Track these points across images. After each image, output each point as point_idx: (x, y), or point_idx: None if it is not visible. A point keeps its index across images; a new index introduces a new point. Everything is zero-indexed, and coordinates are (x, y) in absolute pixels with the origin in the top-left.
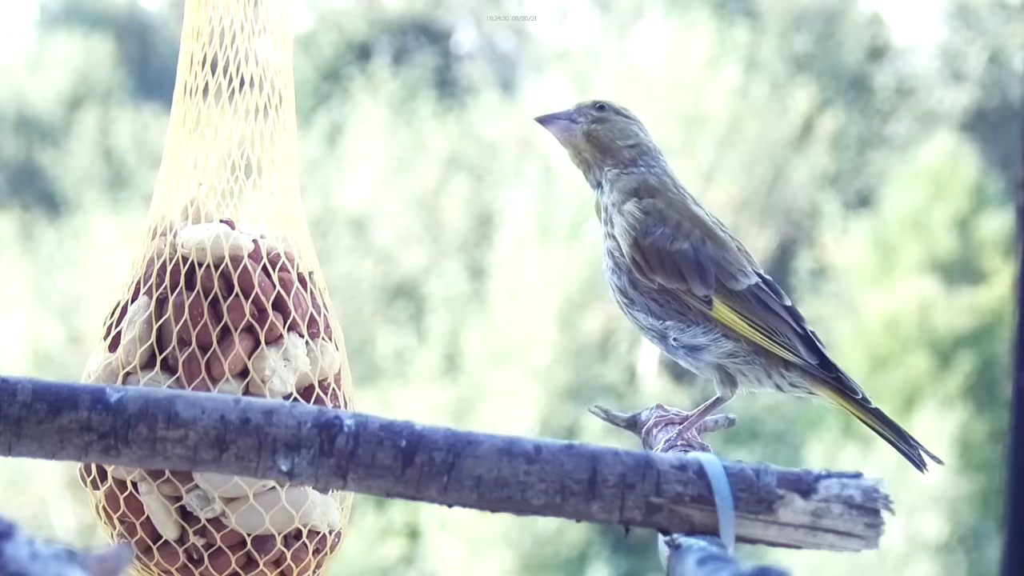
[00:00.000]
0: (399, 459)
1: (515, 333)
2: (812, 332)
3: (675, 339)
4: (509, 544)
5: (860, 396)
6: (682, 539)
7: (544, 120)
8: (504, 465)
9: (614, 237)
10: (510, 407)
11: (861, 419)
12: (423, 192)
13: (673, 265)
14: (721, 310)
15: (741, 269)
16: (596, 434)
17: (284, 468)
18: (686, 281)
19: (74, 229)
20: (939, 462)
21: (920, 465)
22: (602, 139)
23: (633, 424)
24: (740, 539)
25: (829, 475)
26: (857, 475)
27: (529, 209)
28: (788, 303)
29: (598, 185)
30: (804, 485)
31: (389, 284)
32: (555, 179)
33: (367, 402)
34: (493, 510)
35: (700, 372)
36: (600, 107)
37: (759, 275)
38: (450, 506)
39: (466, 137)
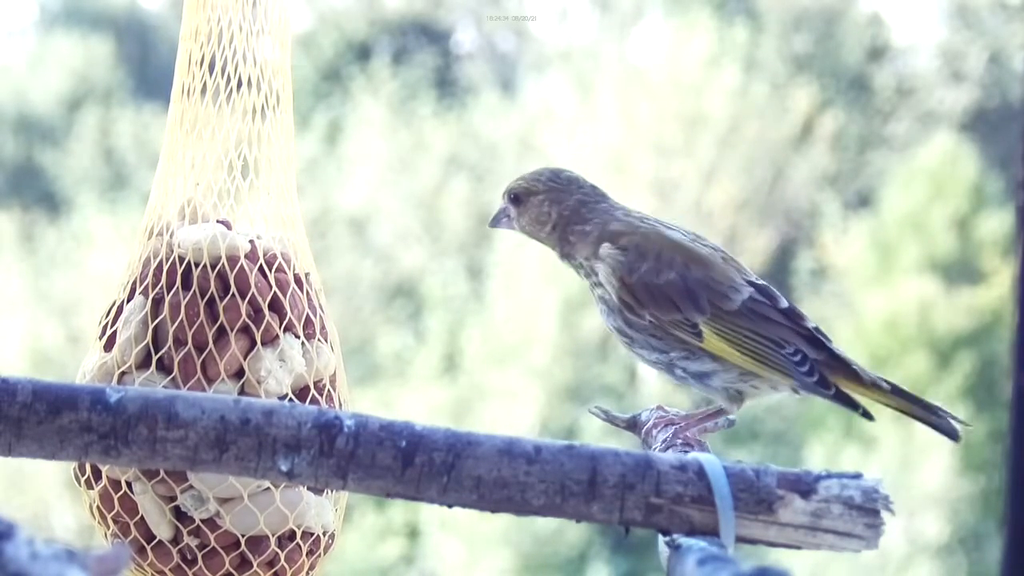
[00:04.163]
0: (399, 459)
1: (515, 333)
2: (815, 328)
3: (683, 369)
4: (509, 544)
5: (869, 382)
6: (682, 539)
7: (493, 224)
8: (504, 465)
9: (601, 284)
10: (510, 407)
11: (883, 403)
12: (423, 192)
13: (664, 297)
14: (712, 340)
15: (732, 285)
16: (596, 434)
17: (284, 469)
18: (680, 311)
19: (74, 229)
20: (966, 424)
21: (953, 435)
22: (534, 231)
23: (633, 425)
24: (740, 539)
25: (829, 475)
26: (857, 475)
27: None
28: (784, 305)
29: (565, 256)
30: (804, 485)
31: (388, 284)
32: None
33: (367, 402)
34: (493, 510)
35: (713, 396)
36: (514, 197)
37: (751, 283)
38: (450, 506)
39: (466, 137)
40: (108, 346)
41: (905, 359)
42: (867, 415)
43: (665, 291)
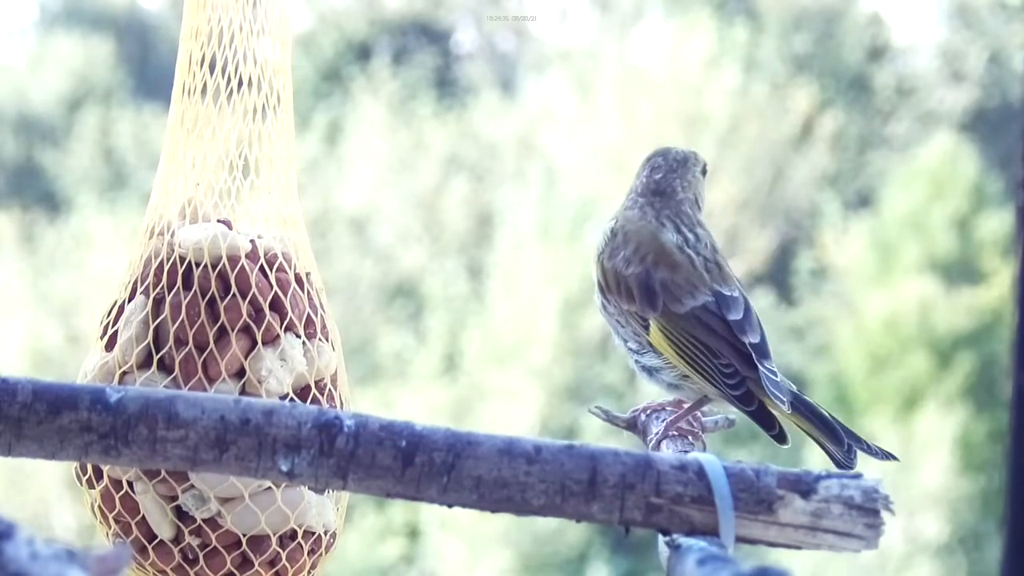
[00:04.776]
0: (399, 459)
1: (515, 333)
2: (753, 344)
3: (636, 361)
4: (509, 544)
5: (786, 406)
6: (682, 539)
7: None
8: (504, 465)
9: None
10: (510, 407)
11: (795, 424)
12: (423, 192)
13: (626, 287)
14: (656, 335)
15: (690, 291)
16: (596, 434)
17: (284, 468)
18: (636, 303)
19: (73, 230)
20: (893, 458)
21: (844, 463)
22: None
23: (633, 425)
24: (740, 539)
25: (829, 475)
26: (857, 475)
27: (529, 209)
28: (735, 317)
29: None
30: (804, 485)
31: (389, 284)
32: (555, 179)
33: (367, 402)
34: (493, 510)
35: (669, 392)
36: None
37: (717, 292)
38: (450, 506)
39: (466, 137)
40: (109, 346)
41: (905, 359)
42: (780, 438)
43: (628, 282)
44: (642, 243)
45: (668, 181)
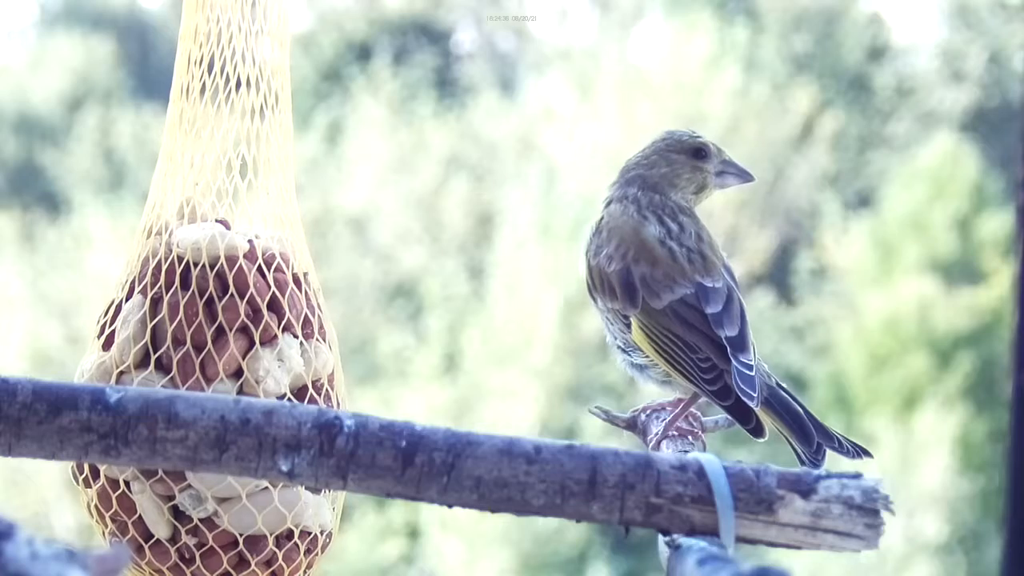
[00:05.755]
0: (399, 459)
1: (515, 333)
2: (729, 337)
3: (623, 358)
4: (509, 543)
5: (756, 403)
6: (682, 539)
7: None
8: (504, 465)
9: None
10: (510, 407)
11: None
12: (423, 192)
13: (609, 285)
14: (636, 333)
15: (669, 285)
16: (596, 434)
17: (284, 469)
18: (619, 301)
19: (73, 229)
20: (867, 455)
21: (812, 463)
22: None
23: (633, 425)
24: (740, 539)
25: (829, 475)
26: (857, 476)
27: (529, 209)
28: (714, 310)
29: None
30: (804, 485)
31: (389, 284)
32: (555, 179)
33: (367, 402)
34: (493, 510)
35: (662, 389)
36: None
37: (699, 283)
38: (450, 506)
39: (466, 137)
40: (106, 345)
41: (905, 359)
42: (757, 431)
43: (610, 279)
44: (624, 239)
45: (635, 159)
